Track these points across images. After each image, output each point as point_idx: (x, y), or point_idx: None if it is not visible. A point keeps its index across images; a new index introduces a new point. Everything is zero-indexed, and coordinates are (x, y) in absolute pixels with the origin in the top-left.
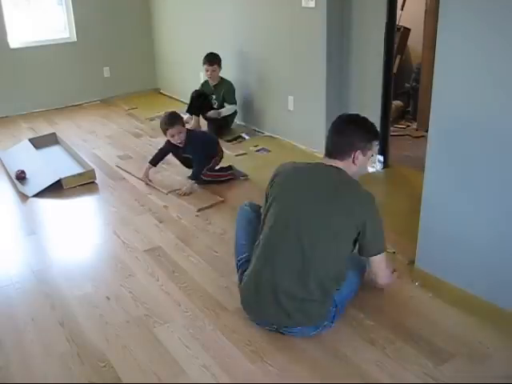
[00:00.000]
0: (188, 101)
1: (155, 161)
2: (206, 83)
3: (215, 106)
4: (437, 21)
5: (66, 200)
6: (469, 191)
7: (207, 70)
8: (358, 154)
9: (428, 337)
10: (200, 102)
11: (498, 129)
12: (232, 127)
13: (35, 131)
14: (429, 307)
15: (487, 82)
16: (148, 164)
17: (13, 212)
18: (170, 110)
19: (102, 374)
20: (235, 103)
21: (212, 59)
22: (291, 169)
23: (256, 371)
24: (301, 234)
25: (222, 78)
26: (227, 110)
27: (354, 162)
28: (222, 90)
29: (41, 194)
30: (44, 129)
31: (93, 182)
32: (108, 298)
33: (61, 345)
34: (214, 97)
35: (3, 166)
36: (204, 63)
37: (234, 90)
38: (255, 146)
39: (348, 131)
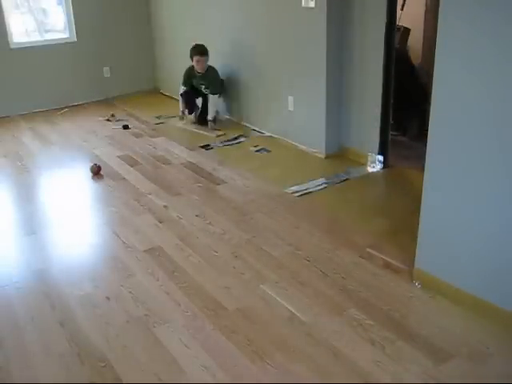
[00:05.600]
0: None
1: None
2: (191, 70)
3: (206, 92)
4: (437, 21)
5: (65, 200)
6: (469, 191)
7: (198, 61)
8: None
9: (428, 337)
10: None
11: (498, 128)
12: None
13: (35, 131)
14: (429, 307)
15: (487, 82)
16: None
17: (13, 212)
18: (170, 109)
19: (102, 373)
20: (219, 93)
21: (203, 51)
22: None
23: (256, 371)
24: None
25: (208, 66)
26: (212, 111)
27: None
28: (209, 77)
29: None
30: (44, 129)
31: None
32: (108, 298)
33: (61, 345)
34: (203, 86)
35: None
36: (195, 54)
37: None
38: (255, 146)
39: None
